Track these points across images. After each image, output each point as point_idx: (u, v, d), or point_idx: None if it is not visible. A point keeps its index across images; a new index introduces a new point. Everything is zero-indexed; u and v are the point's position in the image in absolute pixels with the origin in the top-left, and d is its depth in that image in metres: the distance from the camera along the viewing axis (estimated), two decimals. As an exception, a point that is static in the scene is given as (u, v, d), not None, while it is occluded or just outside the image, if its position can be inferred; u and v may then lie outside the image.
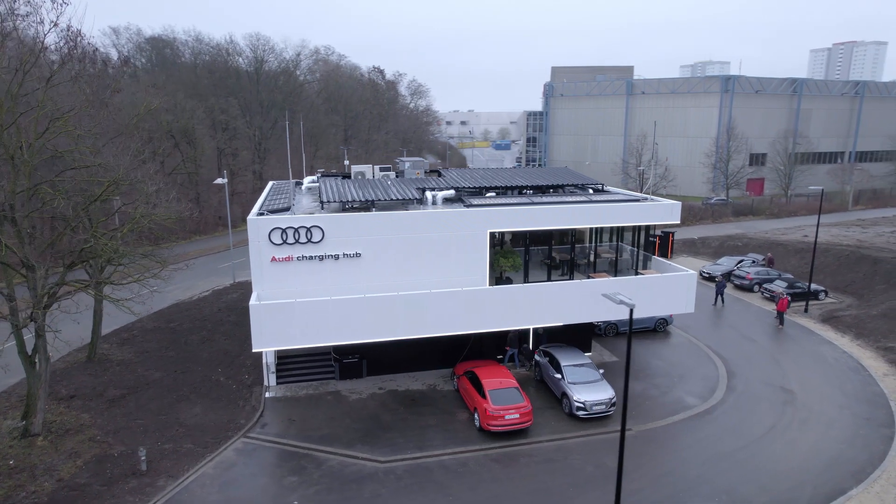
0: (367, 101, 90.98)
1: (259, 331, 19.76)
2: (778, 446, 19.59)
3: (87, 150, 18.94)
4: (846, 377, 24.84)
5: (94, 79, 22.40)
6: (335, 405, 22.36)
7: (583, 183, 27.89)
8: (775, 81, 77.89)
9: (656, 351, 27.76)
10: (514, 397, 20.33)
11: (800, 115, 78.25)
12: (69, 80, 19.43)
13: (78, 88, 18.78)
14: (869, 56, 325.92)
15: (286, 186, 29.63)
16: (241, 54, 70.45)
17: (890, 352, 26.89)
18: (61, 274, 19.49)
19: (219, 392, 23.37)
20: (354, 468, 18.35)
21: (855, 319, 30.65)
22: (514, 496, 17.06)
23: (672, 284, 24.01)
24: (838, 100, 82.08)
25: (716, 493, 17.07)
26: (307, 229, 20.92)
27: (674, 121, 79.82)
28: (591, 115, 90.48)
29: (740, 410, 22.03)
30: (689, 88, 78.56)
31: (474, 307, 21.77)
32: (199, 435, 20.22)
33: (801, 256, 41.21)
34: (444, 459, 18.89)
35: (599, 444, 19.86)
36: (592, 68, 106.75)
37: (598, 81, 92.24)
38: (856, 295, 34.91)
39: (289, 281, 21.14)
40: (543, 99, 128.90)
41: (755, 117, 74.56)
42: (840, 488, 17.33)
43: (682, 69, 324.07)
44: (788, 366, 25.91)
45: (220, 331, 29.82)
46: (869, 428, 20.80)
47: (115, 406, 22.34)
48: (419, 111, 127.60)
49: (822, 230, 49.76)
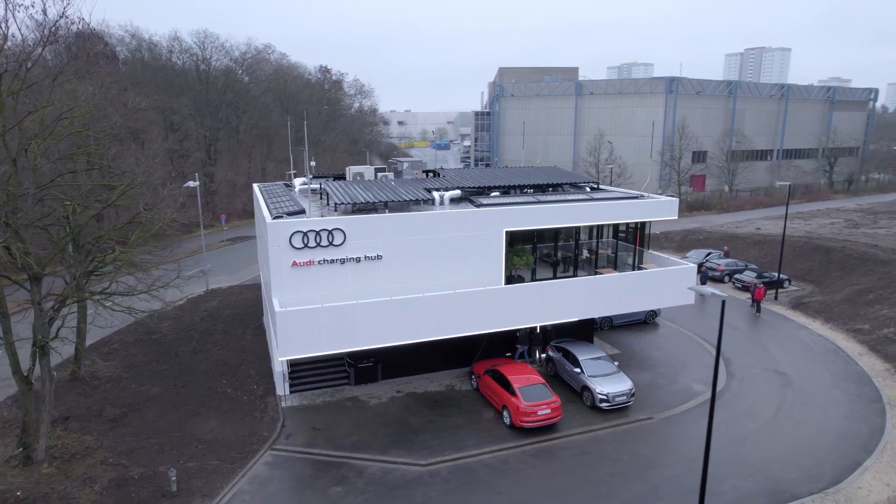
0: (319, 101, 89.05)
1: (286, 338, 19.07)
2: (789, 426, 20.87)
3: (95, 150, 17.63)
4: (828, 358, 26.75)
5: (107, 76, 20.75)
6: (357, 411, 21.89)
7: (579, 181, 28.58)
8: (713, 83, 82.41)
9: (653, 342, 28.86)
10: (543, 393, 20.63)
11: (735, 115, 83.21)
12: (80, 76, 17.95)
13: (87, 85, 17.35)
14: (776, 61, 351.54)
15: (278, 189, 28.67)
16: (187, 52, 67.21)
17: (859, 333, 29.18)
18: (71, 286, 18.08)
19: (230, 404, 22.36)
20: (397, 473, 18.07)
21: (822, 305, 33.03)
22: (562, 490, 17.32)
23: (674, 277, 25.03)
24: (767, 101, 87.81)
25: (749, 473, 18.00)
26: (329, 232, 20.37)
27: (621, 120, 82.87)
28: (540, 115, 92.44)
29: (746, 395, 23.29)
30: (636, 89, 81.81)
31: (496, 306, 21.90)
32: (222, 450, 19.29)
33: (760, 248, 43.92)
34: (484, 458, 18.92)
35: (627, 434, 20.48)
36: (539, 69, 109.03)
37: (546, 82, 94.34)
38: (815, 282, 37.58)
39: (310, 286, 20.51)
40: (489, 99, 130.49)
41: (696, 117, 78.52)
42: (855, 460, 18.69)
43: (608, 70, 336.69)
44: (775, 351, 27.60)
45: (210, 340, 28.48)
46: (861, 404, 22.51)
47: (118, 426, 20.94)
48: (364, 111, 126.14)
49: (770, 223, 53.26)
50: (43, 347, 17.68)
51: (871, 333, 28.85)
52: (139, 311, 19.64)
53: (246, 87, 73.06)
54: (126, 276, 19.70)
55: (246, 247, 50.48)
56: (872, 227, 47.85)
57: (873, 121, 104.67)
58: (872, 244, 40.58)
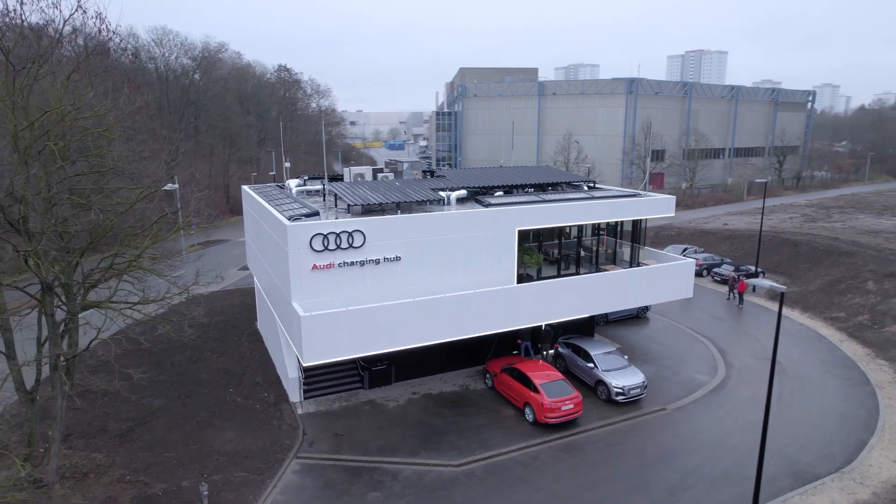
0: (284, 101, 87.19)
1: (311, 343, 18.64)
2: (795, 411, 21.93)
3: (107, 151, 16.76)
4: (813, 346, 28.24)
5: (125, 73, 19.62)
6: (376, 415, 21.63)
7: (574, 181, 29.10)
8: (671, 84, 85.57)
9: (648, 336, 29.72)
10: (565, 389, 20.94)
11: (691, 115, 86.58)
12: (100, 72, 16.94)
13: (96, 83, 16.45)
14: (715, 63, 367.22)
15: (274, 191, 27.95)
16: (144, 49, 64.56)
17: (836, 321, 30.94)
18: (82, 295, 17.13)
19: (243, 414, 21.68)
20: (433, 475, 17.98)
21: (798, 296, 34.82)
22: (597, 482, 17.65)
23: (674, 272, 25.85)
24: (719, 102, 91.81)
25: (770, 457, 18.79)
26: (349, 234, 20.03)
27: (583, 120, 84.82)
28: (504, 116, 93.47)
29: (747, 383, 24.31)
30: (598, 90, 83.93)
31: (514, 304, 22.07)
32: (245, 461, 18.70)
33: (731, 242, 45.88)
34: (515, 456, 19.06)
35: (645, 426, 21.04)
36: (500, 69, 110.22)
37: (508, 83, 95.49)
38: (786, 274, 39.57)
39: (329, 289, 20.11)
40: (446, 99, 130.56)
41: (655, 117, 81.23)
42: (861, 440, 19.85)
43: (556, 71, 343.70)
44: (764, 340, 28.92)
45: (206, 349, 27.48)
46: (853, 387, 23.89)
47: (127, 441, 19.98)
48: (323, 112, 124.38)
49: (734, 218, 55.63)
50: (58, 361, 16.69)
51: (847, 321, 30.64)
52: (156, 319, 18.78)
53: (206, 86, 70.86)
54: (130, 281, 18.81)
55: (220, 251, 48.98)
56: (829, 221, 50.75)
57: (812, 121, 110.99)
58: (833, 237, 43.05)
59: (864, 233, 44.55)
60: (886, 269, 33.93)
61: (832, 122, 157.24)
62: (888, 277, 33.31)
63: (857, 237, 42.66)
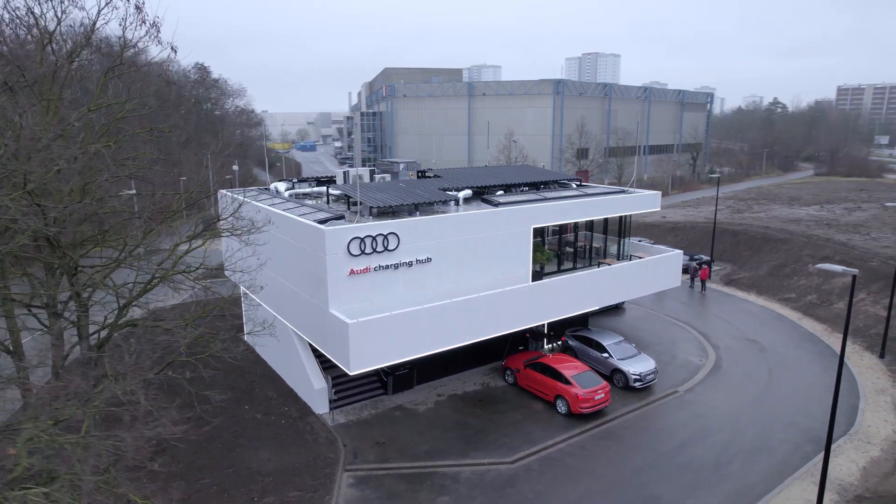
0: (201, 101, 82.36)
1: (358, 351, 18.10)
2: (788, 386, 24.10)
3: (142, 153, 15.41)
4: (778, 325, 31.08)
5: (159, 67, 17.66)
6: (410, 420, 21.31)
7: (561, 179, 30.09)
8: (593, 85, 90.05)
9: (634, 325, 31.34)
10: (594, 380, 21.73)
11: (611, 114, 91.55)
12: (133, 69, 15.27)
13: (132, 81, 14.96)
14: (609, 65, 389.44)
15: (263, 196, 26.62)
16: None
17: (790, 301, 34.21)
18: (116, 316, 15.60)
19: (270, 431, 20.57)
20: (492, 474, 18.05)
21: (750, 280, 38.09)
22: (647, 465, 18.53)
23: (665, 264, 27.52)
24: (634, 102, 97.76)
25: (786, 427, 20.62)
26: (384, 237, 19.60)
27: (512, 120, 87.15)
28: (434, 116, 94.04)
29: (738, 363, 26.33)
30: (526, 91, 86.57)
31: (537, 300, 22.57)
32: (294, 480, 17.82)
33: (675, 234, 49.18)
34: (562, 447, 19.55)
35: (666, 408, 22.30)
36: (425, 70, 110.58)
37: (437, 83, 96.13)
38: (731, 261, 43.09)
39: (365, 294, 19.58)
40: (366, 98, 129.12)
41: (580, 117, 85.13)
42: (852, 405, 22.24)
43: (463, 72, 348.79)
44: (735, 322, 31.43)
45: (198, 363, 25.62)
46: (825, 358, 26.62)
47: (152, 472, 18.28)
48: (240, 112, 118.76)
49: (669, 211, 59.51)
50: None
51: (798, 301, 33.98)
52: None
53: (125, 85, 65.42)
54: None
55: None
56: (753, 213, 55.71)
57: (710, 121, 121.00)
58: (764, 226, 47.37)
59: (787, 221, 49.41)
60: (821, 253, 37.92)
61: (721, 121, 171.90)
62: (824, 261, 37.24)
63: (783, 226, 47.24)
